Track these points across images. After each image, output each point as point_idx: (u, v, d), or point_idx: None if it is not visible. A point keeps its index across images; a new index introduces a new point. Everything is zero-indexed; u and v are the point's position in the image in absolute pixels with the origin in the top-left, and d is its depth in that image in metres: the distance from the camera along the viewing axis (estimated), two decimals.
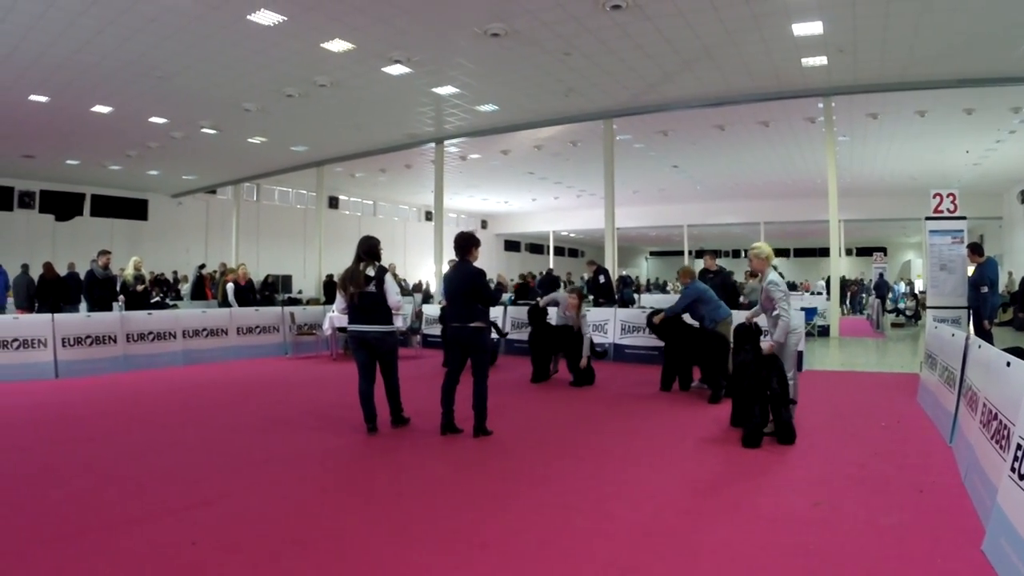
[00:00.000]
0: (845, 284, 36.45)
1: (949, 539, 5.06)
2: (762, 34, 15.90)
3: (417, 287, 34.23)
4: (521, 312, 17.35)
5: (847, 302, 37.41)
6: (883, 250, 44.23)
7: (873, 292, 31.96)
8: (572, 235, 56.89)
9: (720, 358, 11.04)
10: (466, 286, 8.65)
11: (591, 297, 18.71)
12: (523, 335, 16.07)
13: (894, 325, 27.78)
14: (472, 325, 8.63)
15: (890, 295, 32.60)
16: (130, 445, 8.32)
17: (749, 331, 8.63)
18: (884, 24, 15.10)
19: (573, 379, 12.81)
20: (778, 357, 8.14)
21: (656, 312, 12.54)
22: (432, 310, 19.72)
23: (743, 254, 57.01)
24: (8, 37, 15.79)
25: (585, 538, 5.14)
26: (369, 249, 8.89)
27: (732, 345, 9.56)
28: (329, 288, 26.00)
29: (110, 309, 15.94)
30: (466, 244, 8.87)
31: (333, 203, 43.40)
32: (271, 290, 25.93)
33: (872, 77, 18.71)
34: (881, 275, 32.08)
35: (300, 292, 36.29)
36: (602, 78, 19.29)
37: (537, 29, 15.76)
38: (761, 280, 8.80)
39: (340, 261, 14.38)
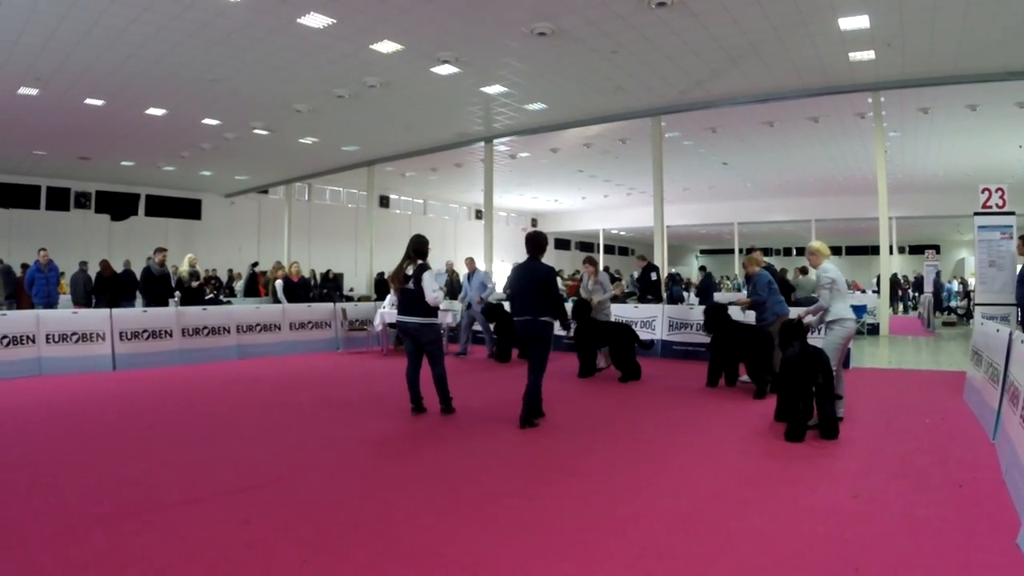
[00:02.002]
0: (897, 282, 35.98)
1: (985, 533, 5.08)
2: (808, 29, 15.81)
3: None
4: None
5: (899, 300, 36.92)
6: (936, 248, 43.65)
7: (925, 290, 31.47)
8: (622, 233, 56.75)
9: (765, 354, 11.06)
10: (537, 282, 8.96)
11: (636, 293, 18.81)
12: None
13: (945, 324, 27.45)
14: (542, 319, 8.93)
15: (943, 293, 32.19)
16: (185, 433, 8.60)
17: (795, 327, 8.67)
18: (932, 17, 14.95)
19: (622, 375, 12.93)
20: (824, 352, 8.18)
21: (715, 307, 12.48)
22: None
23: (794, 252, 56.62)
24: (63, 44, 16.16)
25: (624, 524, 5.24)
26: (417, 248, 9.50)
27: (778, 341, 9.56)
28: (381, 286, 26.29)
29: (166, 305, 16.27)
30: (540, 243, 9.24)
31: (384, 202, 43.67)
32: (331, 287, 26.03)
33: (921, 71, 18.49)
34: (939, 273, 31.63)
35: (352, 290, 36.60)
36: (649, 75, 19.29)
37: (583, 28, 15.82)
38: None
39: (391, 260, 14.66)
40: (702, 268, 24.04)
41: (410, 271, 9.35)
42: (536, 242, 9.24)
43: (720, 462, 7.12)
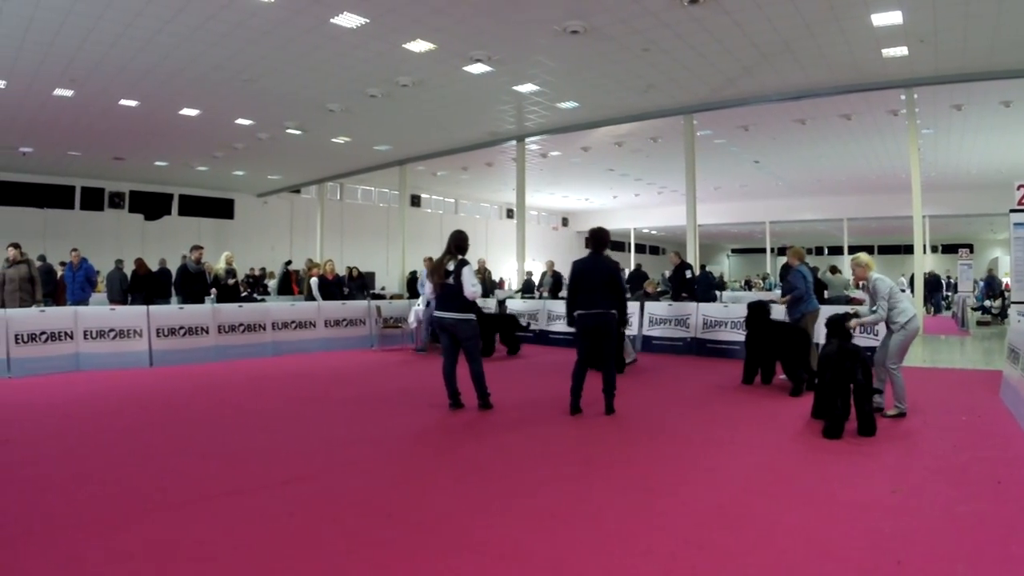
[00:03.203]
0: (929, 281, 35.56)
1: None
2: (841, 25, 15.73)
3: (497, 284, 34.21)
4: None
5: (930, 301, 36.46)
6: (969, 247, 43.31)
7: (960, 290, 31.12)
8: (653, 232, 56.64)
9: (801, 352, 11.03)
10: (606, 277, 9.22)
11: (669, 291, 18.81)
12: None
13: (980, 323, 27.10)
14: (611, 312, 9.19)
15: (975, 292, 31.79)
16: (224, 427, 8.70)
17: (838, 323, 8.65)
18: (965, 12, 14.82)
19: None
20: (861, 349, 8.18)
21: (758, 303, 12.41)
22: (516, 305, 19.85)
23: (826, 251, 56.26)
24: (98, 45, 16.39)
25: (664, 517, 5.27)
26: (458, 243, 9.58)
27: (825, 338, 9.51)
28: (413, 284, 26.38)
29: (202, 302, 16.39)
30: (604, 239, 9.59)
31: (415, 201, 43.86)
32: (355, 286, 26.07)
33: (954, 67, 18.33)
34: (991, 272, 31.22)
35: (383, 289, 36.77)
36: (681, 73, 19.26)
37: (615, 26, 15.83)
38: (867, 282, 9.22)
39: (423, 258, 14.80)
40: (703, 267, 24.12)
41: (451, 266, 9.39)
42: (600, 238, 9.56)
43: (757, 458, 7.13)
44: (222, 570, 4.36)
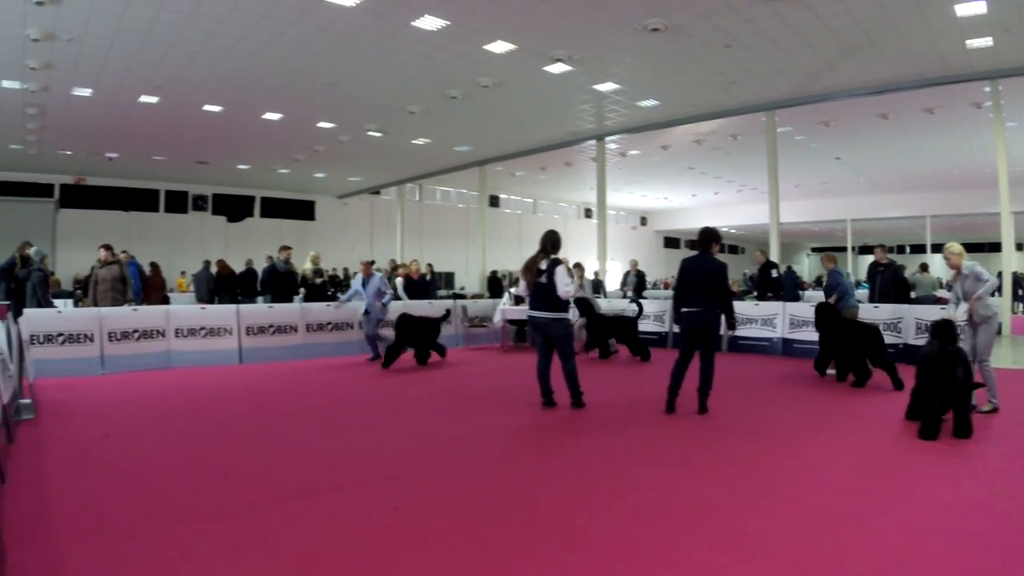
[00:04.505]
0: (1018, 280, 34.59)
1: None
2: (924, 16, 15.49)
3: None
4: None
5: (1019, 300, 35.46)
6: None
7: None
8: (732, 231, 56.10)
9: (876, 347, 11.26)
10: (713, 277, 9.22)
11: (750, 290, 18.69)
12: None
13: None
14: (713, 311, 9.19)
15: None
16: (318, 423, 8.86)
17: (942, 325, 8.55)
18: None
19: (632, 354, 15.43)
20: (962, 351, 8.09)
21: (821, 304, 12.57)
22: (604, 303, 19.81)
23: (908, 249, 55.25)
24: (183, 53, 16.85)
25: (770, 516, 5.25)
26: (553, 242, 9.63)
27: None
28: (493, 284, 26.45)
29: (291, 301, 16.65)
30: (710, 239, 9.66)
31: (494, 202, 44.07)
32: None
33: None
34: None
35: (463, 288, 36.99)
36: (763, 69, 19.12)
37: (696, 22, 15.78)
38: (962, 270, 9.32)
39: (502, 258, 14.81)
40: (788, 267, 23.69)
41: (543, 265, 9.40)
42: (707, 238, 9.62)
43: (855, 458, 7.06)
44: (328, 565, 4.43)
